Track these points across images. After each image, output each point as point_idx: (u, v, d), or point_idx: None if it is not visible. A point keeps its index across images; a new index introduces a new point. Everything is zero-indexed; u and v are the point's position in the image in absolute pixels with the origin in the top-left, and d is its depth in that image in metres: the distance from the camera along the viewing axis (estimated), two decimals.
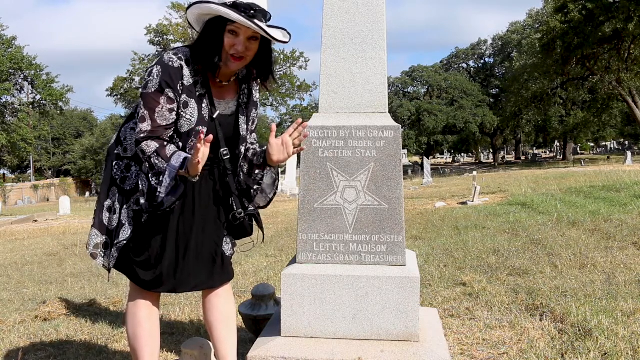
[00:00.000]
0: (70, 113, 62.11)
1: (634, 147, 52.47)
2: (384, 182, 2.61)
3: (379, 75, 2.75)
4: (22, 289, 5.67)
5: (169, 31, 34.56)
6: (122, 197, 2.30)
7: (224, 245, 2.45)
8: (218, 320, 2.46)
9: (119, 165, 2.34)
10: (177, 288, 2.37)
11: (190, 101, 2.23)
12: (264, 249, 6.61)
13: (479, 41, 62.05)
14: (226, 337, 2.46)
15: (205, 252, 2.37)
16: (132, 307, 2.37)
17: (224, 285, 2.48)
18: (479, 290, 4.17)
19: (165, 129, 2.21)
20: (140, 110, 2.20)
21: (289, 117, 63.41)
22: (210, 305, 2.47)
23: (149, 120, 2.17)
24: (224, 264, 2.45)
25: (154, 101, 2.18)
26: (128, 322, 2.38)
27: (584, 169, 24.01)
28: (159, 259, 2.28)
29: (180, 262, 2.31)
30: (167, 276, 2.30)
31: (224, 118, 2.34)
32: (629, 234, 6.21)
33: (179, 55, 2.23)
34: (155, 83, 2.18)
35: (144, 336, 2.34)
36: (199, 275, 2.37)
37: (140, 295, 2.35)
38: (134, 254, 2.29)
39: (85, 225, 13.57)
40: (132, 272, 2.32)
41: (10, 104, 32.65)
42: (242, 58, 2.23)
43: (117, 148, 2.37)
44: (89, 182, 54.17)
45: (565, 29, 31.73)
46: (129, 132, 2.35)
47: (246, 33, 2.18)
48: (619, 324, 3.19)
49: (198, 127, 2.24)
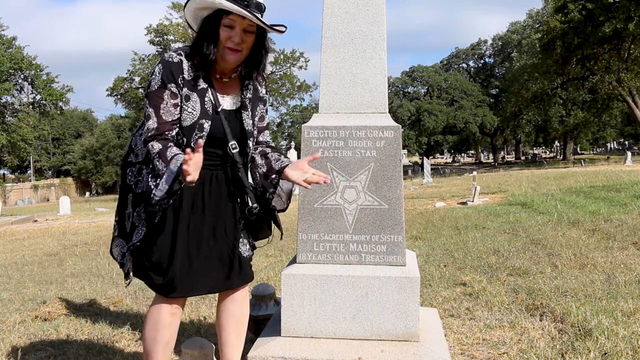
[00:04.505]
0: (70, 113, 62.10)
1: (634, 147, 52.52)
2: (384, 182, 2.61)
3: (379, 75, 2.75)
4: (22, 289, 5.67)
5: (169, 31, 34.53)
6: (135, 201, 2.30)
7: (241, 246, 2.39)
8: (230, 325, 2.43)
9: (132, 171, 2.34)
10: (193, 290, 2.31)
11: (191, 94, 2.24)
12: (264, 249, 6.61)
13: (479, 41, 62.07)
14: (235, 342, 2.44)
15: (220, 253, 2.32)
16: (155, 312, 2.31)
17: (242, 288, 2.44)
18: (479, 290, 4.17)
19: (172, 125, 2.21)
20: (146, 110, 2.22)
21: (289, 117, 63.51)
22: (226, 310, 2.43)
23: (155, 117, 2.19)
24: (241, 265, 2.38)
25: (158, 98, 2.20)
26: (148, 325, 2.32)
27: (584, 169, 24.00)
28: (170, 261, 2.24)
29: (193, 264, 2.27)
30: (179, 279, 2.24)
31: (229, 113, 2.34)
32: (629, 234, 6.21)
33: (179, 52, 2.26)
34: (157, 80, 2.20)
35: (162, 341, 2.30)
36: (214, 277, 2.32)
37: (164, 300, 2.29)
38: (148, 257, 2.27)
39: (86, 226, 13.57)
40: (147, 277, 2.29)
41: (10, 104, 32.63)
42: (239, 51, 2.23)
43: (130, 156, 2.37)
44: (89, 182, 54.20)
45: (565, 29, 31.73)
46: (139, 139, 2.35)
47: (241, 25, 2.20)
48: (619, 324, 3.19)
49: (201, 121, 2.24)
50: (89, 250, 8.50)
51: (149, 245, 2.26)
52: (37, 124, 34.39)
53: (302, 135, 2.69)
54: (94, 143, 54.52)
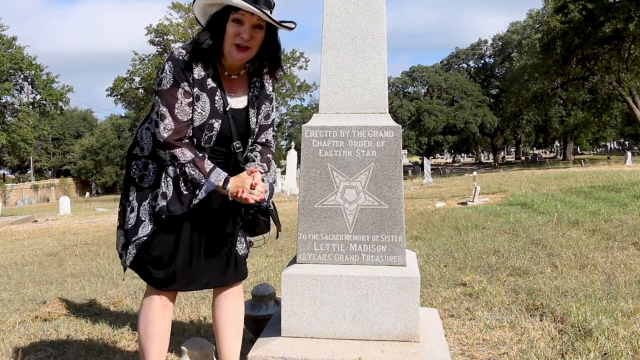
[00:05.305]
0: (70, 113, 62.10)
1: (634, 147, 52.52)
2: (384, 182, 2.61)
3: (379, 75, 2.75)
4: (22, 289, 5.67)
5: (169, 31, 34.48)
6: (140, 195, 2.32)
7: (238, 244, 2.44)
8: (226, 322, 2.46)
9: (137, 164, 2.35)
10: (190, 285, 2.37)
11: (202, 94, 2.25)
12: (264, 249, 6.61)
13: (479, 41, 62.10)
14: (231, 339, 2.46)
15: (219, 250, 2.37)
16: (146, 305, 2.36)
17: (236, 285, 2.48)
18: (479, 291, 4.17)
19: (187, 126, 2.22)
20: (159, 108, 2.20)
21: (289, 117, 63.49)
22: (220, 306, 2.47)
23: (170, 117, 2.19)
24: (237, 263, 2.44)
25: (172, 97, 2.19)
26: (140, 320, 2.37)
27: (584, 169, 24.00)
28: (173, 256, 2.29)
29: (193, 260, 2.32)
30: (180, 274, 2.30)
31: (236, 112, 2.35)
32: (629, 234, 6.21)
33: (188, 49, 2.25)
34: (169, 79, 2.20)
35: (154, 335, 2.34)
36: (212, 273, 2.37)
37: (155, 293, 2.35)
38: (148, 251, 2.29)
39: (86, 226, 13.57)
40: (145, 271, 2.32)
41: (10, 104, 32.62)
42: (248, 48, 2.23)
43: (135, 149, 2.38)
44: (89, 182, 54.20)
45: (565, 29, 31.73)
46: (145, 132, 2.37)
47: (250, 21, 2.19)
48: (619, 324, 3.19)
49: (211, 120, 2.26)
50: (89, 251, 8.50)
51: (154, 240, 2.29)
52: (37, 124, 34.39)
53: (302, 136, 2.69)
54: (94, 143, 54.53)
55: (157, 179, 2.30)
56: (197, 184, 2.21)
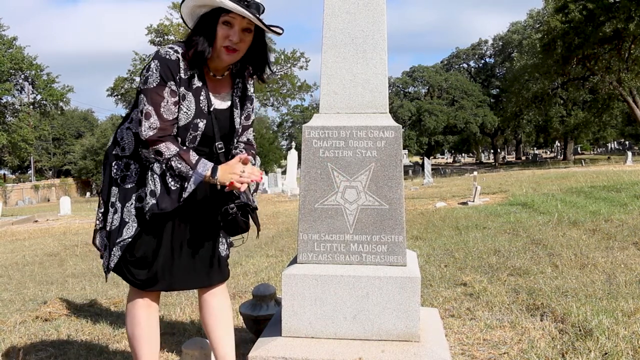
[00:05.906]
0: (70, 113, 62.14)
1: (635, 147, 52.49)
2: (384, 182, 2.61)
3: (379, 75, 2.75)
4: (23, 290, 5.67)
5: (169, 31, 34.57)
6: (122, 195, 2.30)
7: (220, 245, 2.45)
8: (214, 321, 2.46)
9: (119, 165, 2.33)
10: (172, 286, 2.37)
11: (187, 94, 2.25)
12: (265, 249, 6.61)
13: (479, 41, 62.10)
14: (223, 337, 2.46)
15: (201, 251, 2.37)
16: (130, 308, 2.37)
17: (220, 285, 2.49)
18: (480, 290, 4.17)
19: (172, 125, 2.22)
20: (144, 107, 2.18)
21: (290, 118, 63.50)
22: (206, 305, 2.47)
23: (155, 116, 2.17)
24: (220, 264, 2.46)
25: (158, 95, 2.18)
26: (127, 323, 2.39)
27: (584, 169, 24.00)
28: (154, 257, 2.29)
29: (175, 260, 2.32)
30: (161, 274, 2.30)
31: (219, 112, 2.36)
32: (630, 234, 6.21)
33: (175, 48, 2.25)
34: (155, 77, 2.18)
35: (142, 336, 2.34)
36: (195, 274, 2.37)
37: (138, 295, 2.35)
38: (132, 252, 2.28)
39: (86, 226, 13.57)
40: (127, 273, 2.32)
41: (11, 104, 32.67)
42: (236, 50, 2.24)
43: (115, 149, 2.36)
44: (90, 182, 54.15)
45: (565, 29, 31.73)
46: (125, 132, 2.35)
47: (240, 24, 2.20)
48: (619, 324, 3.19)
49: (196, 120, 2.26)
50: (90, 251, 8.50)
51: (137, 241, 2.28)
52: (38, 124, 34.43)
53: (302, 136, 2.69)
54: (94, 143, 54.49)
55: (140, 179, 2.28)
56: (185, 176, 2.19)
